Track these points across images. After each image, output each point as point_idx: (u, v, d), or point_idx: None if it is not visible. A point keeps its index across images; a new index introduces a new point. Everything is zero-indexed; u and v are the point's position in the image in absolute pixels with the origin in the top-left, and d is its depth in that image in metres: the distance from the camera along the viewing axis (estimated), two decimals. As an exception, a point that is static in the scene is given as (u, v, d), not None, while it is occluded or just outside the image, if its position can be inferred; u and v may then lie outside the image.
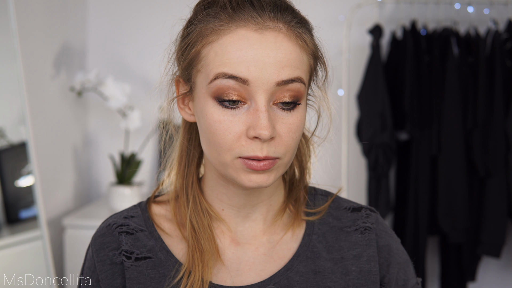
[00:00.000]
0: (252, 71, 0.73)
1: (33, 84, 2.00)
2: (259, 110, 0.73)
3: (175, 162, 0.88)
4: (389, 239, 0.89)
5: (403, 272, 0.88)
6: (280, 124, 0.75)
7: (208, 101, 0.76)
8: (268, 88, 0.74)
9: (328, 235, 0.88)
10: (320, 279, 0.84)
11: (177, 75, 0.83)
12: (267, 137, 0.73)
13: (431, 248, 2.46)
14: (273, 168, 0.76)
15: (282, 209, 0.88)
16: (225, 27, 0.75)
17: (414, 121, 2.19)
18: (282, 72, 0.74)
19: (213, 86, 0.75)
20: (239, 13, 0.75)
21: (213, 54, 0.75)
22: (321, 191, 0.93)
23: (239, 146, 0.74)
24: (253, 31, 0.74)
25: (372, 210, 0.91)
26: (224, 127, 0.75)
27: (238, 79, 0.73)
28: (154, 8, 2.50)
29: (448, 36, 2.21)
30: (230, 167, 0.76)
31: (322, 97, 0.86)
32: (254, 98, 0.74)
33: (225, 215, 0.85)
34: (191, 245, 0.82)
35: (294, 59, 0.75)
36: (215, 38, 0.75)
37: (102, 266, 0.83)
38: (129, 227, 0.85)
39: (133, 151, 2.31)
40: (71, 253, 2.11)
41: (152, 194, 0.91)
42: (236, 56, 0.73)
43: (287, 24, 0.76)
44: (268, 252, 0.85)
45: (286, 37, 0.75)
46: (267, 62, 0.73)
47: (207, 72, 0.75)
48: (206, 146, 0.78)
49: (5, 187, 1.82)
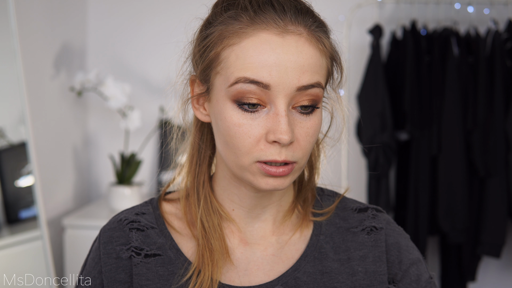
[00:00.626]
0: (273, 75, 0.73)
1: (33, 84, 2.00)
2: (279, 115, 0.74)
3: (186, 161, 0.88)
4: (398, 237, 0.89)
5: (416, 268, 0.88)
6: (299, 128, 0.76)
7: (227, 103, 0.76)
8: (289, 92, 0.74)
9: (335, 236, 0.88)
10: (327, 280, 0.84)
11: (193, 75, 0.83)
12: (287, 142, 0.73)
13: (431, 248, 2.46)
14: (290, 173, 0.77)
15: (291, 210, 0.88)
16: (247, 30, 0.74)
17: (414, 121, 2.19)
18: (302, 77, 0.74)
19: (233, 90, 0.74)
20: (261, 16, 0.74)
21: (234, 57, 0.75)
22: (328, 192, 0.93)
23: (258, 150, 0.75)
24: (275, 34, 0.74)
25: (379, 210, 0.91)
26: (243, 130, 0.75)
27: (260, 84, 0.73)
28: (154, 8, 2.50)
29: (448, 36, 2.21)
30: (247, 171, 0.77)
31: (336, 98, 0.86)
32: (274, 102, 0.74)
33: (235, 215, 0.86)
34: (201, 244, 0.82)
35: (314, 63, 0.75)
36: (237, 40, 0.75)
37: (107, 259, 0.83)
38: (140, 223, 0.85)
39: (133, 151, 2.31)
40: (71, 253, 2.11)
41: (163, 192, 0.91)
42: (258, 60, 0.73)
43: (307, 28, 0.76)
44: (277, 253, 0.86)
45: (307, 41, 0.75)
46: (289, 66, 0.73)
47: (227, 75, 0.75)
48: (223, 148, 0.78)
49: (5, 187, 1.82)
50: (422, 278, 0.88)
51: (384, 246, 0.87)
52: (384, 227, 0.89)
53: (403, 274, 0.87)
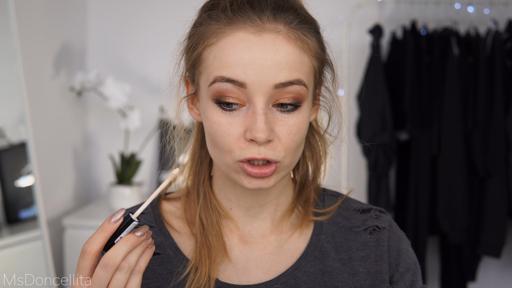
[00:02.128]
0: (249, 74, 0.73)
1: (33, 84, 2.00)
2: (256, 113, 0.74)
3: (188, 160, 0.89)
4: (399, 240, 0.89)
5: (411, 273, 0.88)
6: (280, 126, 0.75)
7: (209, 103, 0.76)
8: (266, 90, 0.74)
9: (336, 235, 0.88)
10: (328, 279, 0.84)
11: (187, 75, 0.84)
12: (262, 140, 0.73)
13: (431, 248, 2.46)
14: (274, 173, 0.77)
15: (290, 209, 0.88)
16: (224, 30, 0.75)
17: (414, 121, 2.19)
18: (280, 75, 0.73)
19: (212, 89, 0.75)
20: (238, 16, 0.75)
21: (212, 57, 0.75)
22: (330, 192, 0.93)
23: (238, 148, 0.75)
24: (251, 33, 0.74)
25: (382, 211, 0.91)
26: (223, 128, 0.75)
27: (236, 83, 0.73)
28: (154, 8, 2.50)
29: (448, 36, 2.21)
30: (232, 169, 0.77)
31: (332, 98, 0.86)
32: (252, 100, 0.74)
33: (234, 214, 0.86)
34: (199, 241, 0.83)
35: (293, 61, 0.74)
36: (215, 40, 0.75)
37: None
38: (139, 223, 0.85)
39: (133, 151, 2.31)
40: (71, 253, 2.11)
41: (164, 191, 0.91)
42: (234, 59, 0.73)
43: (287, 25, 0.75)
44: (276, 252, 0.86)
45: (285, 38, 0.74)
46: (265, 64, 0.73)
47: (208, 74, 0.76)
48: (210, 147, 0.79)
49: (5, 187, 1.82)
50: (416, 285, 0.88)
51: (386, 245, 0.87)
52: (387, 228, 0.89)
53: (399, 277, 0.87)
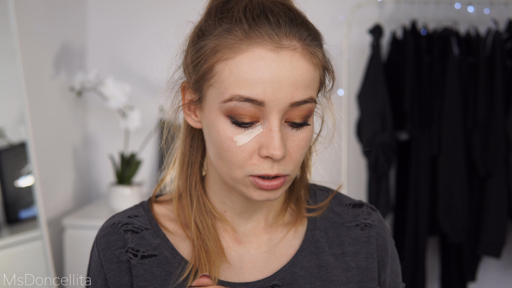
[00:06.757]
0: (268, 92, 0.73)
1: (33, 84, 2.00)
2: (272, 130, 0.74)
3: (177, 162, 0.88)
4: (387, 240, 0.91)
5: (396, 275, 0.91)
6: (290, 142, 0.76)
7: (220, 117, 0.75)
8: (282, 108, 0.74)
9: (329, 231, 0.89)
10: (324, 273, 0.85)
11: (185, 82, 0.82)
12: (280, 158, 0.74)
13: (431, 248, 2.46)
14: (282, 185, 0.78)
15: (283, 209, 0.89)
16: (241, 45, 0.73)
17: (414, 121, 2.19)
18: (296, 93, 0.74)
19: (227, 106, 0.74)
20: (255, 30, 0.73)
21: (228, 72, 0.74)
22: (320, 187, 0.94)
23: (251, 164, 0.75)
24: (270, 50, 0.73)
25: (373, 208, 0.93)
26: (236, 145, 0.75)
27: (255, 102, 0.73)
28: (154, 8, 2.50)
29: (448, 36, 2.21)
30: (240, 183, 0.77)
31: (327, 104, 0.86)
32: (267, 118, 0.74)
33: (228, 216, 0.86)
34: (196, 245, 0.83)
35: (308, 78, 0.75)
36: (231, 55, 0.74)
37: (109, 265, 0.83)
38: (134, 225, 0.85)
39: (133, 151, 2.31)
40: (71, 253, 2.11)
41: (153, 194, 0.91)
42: (253, 77, 0.73)
43: (302, 41, 0.75)
44: (270, 250, 0.86)
45: (301, 56, 0.74)
46: (283, 83, 0.73)
47: (221, 89, 0.75)
48: (216, 158, 0.79)
49: (5, 187, 1.82)
50: (399, 287, 0.91)
51: (375, 244, 0.88)
52: (377, 225, 0.90)
53: (385, 277, 0.89)
